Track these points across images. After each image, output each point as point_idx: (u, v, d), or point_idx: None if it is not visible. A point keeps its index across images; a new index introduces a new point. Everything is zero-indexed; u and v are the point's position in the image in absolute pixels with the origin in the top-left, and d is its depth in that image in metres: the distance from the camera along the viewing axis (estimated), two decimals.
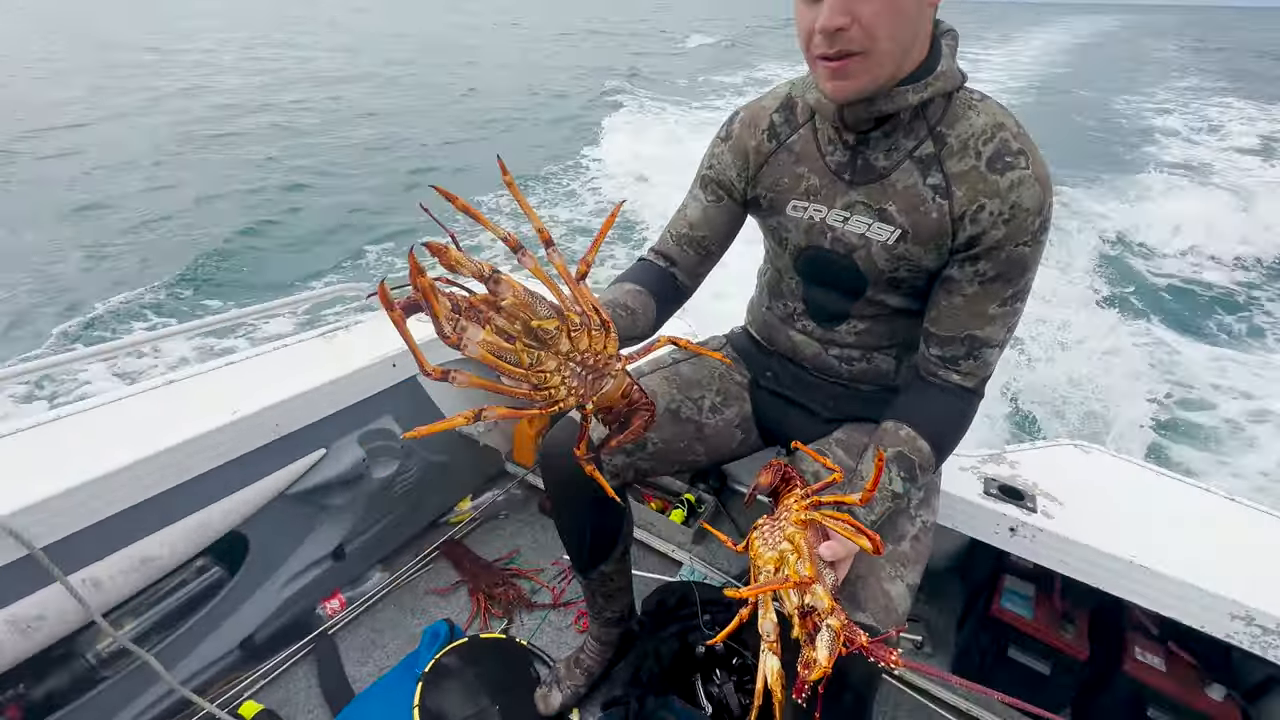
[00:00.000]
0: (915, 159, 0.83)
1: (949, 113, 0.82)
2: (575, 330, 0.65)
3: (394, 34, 13.70)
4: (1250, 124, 12.59)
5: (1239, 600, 0.97)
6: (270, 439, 1.28)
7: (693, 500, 1.84)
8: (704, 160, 1.04)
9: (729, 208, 1.03)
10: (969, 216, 0.80)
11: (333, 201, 7.96)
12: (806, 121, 0.93)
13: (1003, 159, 0.78)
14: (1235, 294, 5.52)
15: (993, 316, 0.84)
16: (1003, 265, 0.81)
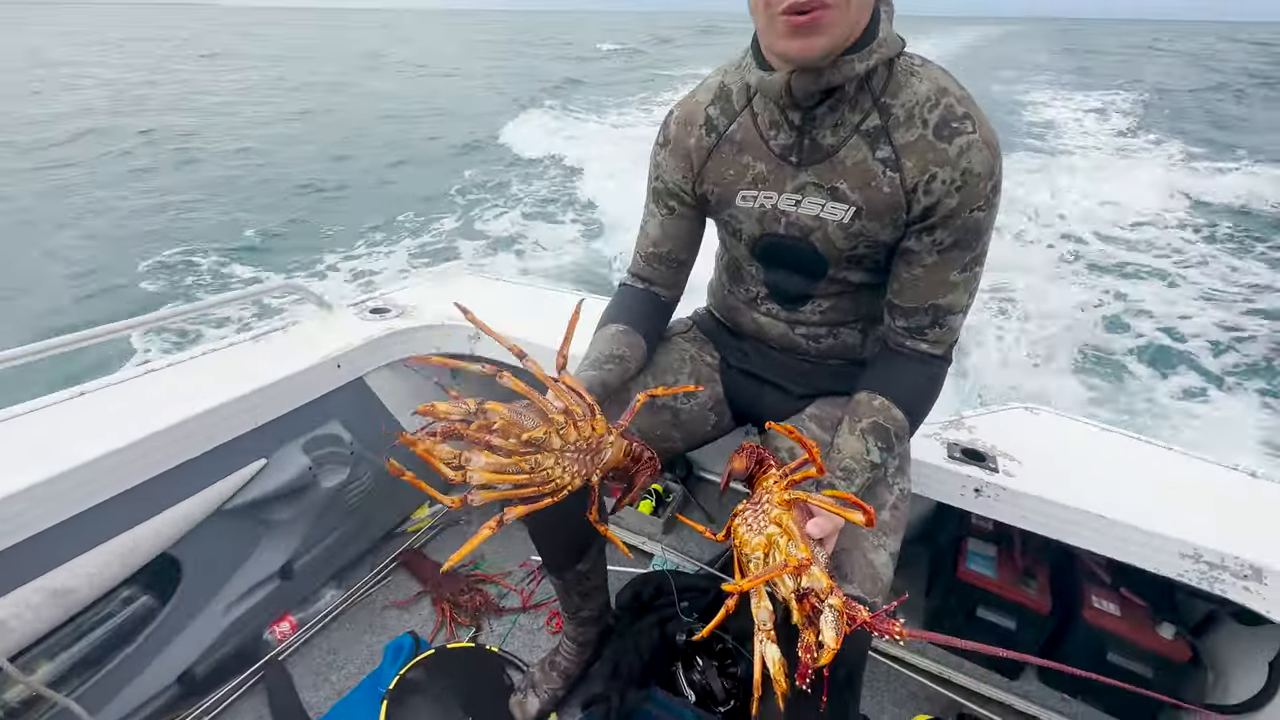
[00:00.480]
0: (862, 133, 0.81)
1: (892, 81, 0.80)
2: (563, 428, 0.73)
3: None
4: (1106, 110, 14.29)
5: (1187, 539, 1.02)
6: (201, 450, 1.17)
7: (660, 491, 1.81)
8: (650, 171, 1.02)
9: (685, 215, 1.01)
10: (921, 187, 0.79)
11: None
12: (744, 108, 0.90)
13: (949, 125, 0.77)
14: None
15: (954, 284, 0.84)
16: (959, 232, 0.81)
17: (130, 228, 7.00)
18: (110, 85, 17.34)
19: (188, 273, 5.84)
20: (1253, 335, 4.53)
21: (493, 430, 0.69)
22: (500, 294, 1.85)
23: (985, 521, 1.46)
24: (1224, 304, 5.07)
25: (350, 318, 1.61)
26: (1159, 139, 11.35)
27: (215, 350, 1.39)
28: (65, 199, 7.88)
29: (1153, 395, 3.88)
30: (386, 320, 1.61)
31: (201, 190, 8.30)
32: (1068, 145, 10.90)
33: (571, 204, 7.92)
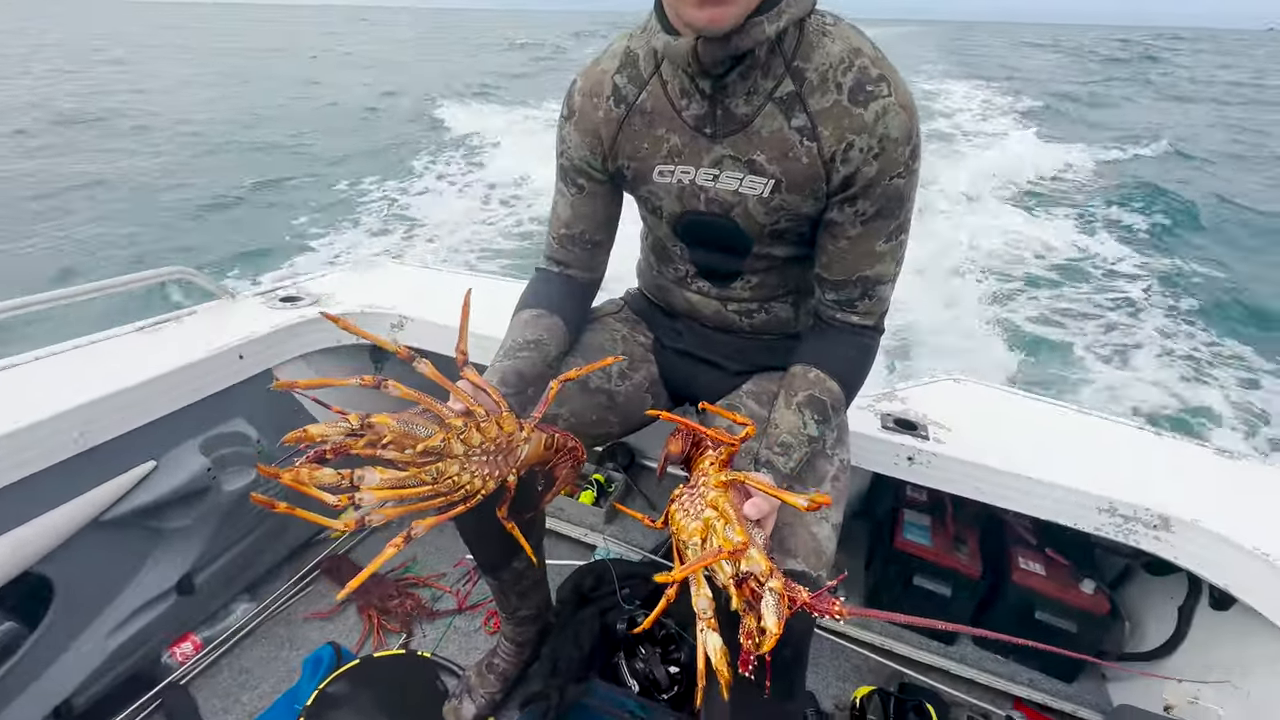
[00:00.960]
0: (776, 100, 0.77)
1: (803, 43, 0.75)
2: (463, 432, 0.69)
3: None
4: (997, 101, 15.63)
5: (1103, 495, 1.07)
6: (72, 452, 1.03)
7: (602, 480, 1.76)
8: (556, 147, 0.95)
9: (597, 192, 0.95)
10: (839, 157, 0.76)
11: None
12: (653, 75, 0.83)
13: (864, 89, 0.73)
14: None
15: (880, 254, 0.83)
16: (881, 201, 0.78)
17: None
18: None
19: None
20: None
21: (384, 444, 0.64)
22: (423, 281, 1.75)
23: (920, 493, 1.49)
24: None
25: (257, 307, 1.48)
26: (1033, 123, 12.47)
27: (93, 342, 1.24)
28: None
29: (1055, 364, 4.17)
30: (299, 309, 1.49)
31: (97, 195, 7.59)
32: (959, 129, 11.76)
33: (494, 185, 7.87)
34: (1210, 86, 21.50)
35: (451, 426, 0.68)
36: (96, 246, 5.97)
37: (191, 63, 21.82)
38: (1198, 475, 1.14)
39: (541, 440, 0.78)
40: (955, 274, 5.33)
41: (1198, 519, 1.03)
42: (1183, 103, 17.67)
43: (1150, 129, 12.54)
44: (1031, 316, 4.73)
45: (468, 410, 0.71)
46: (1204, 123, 14.35)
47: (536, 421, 0.78)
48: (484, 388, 0.75)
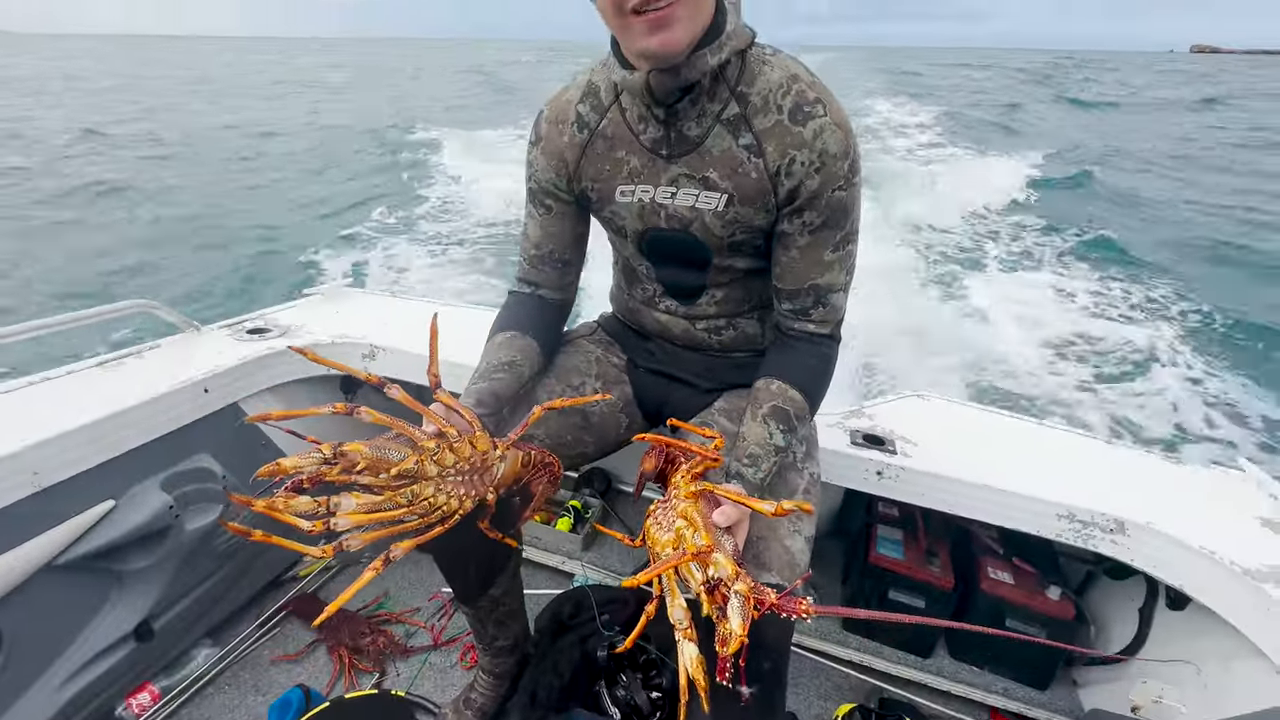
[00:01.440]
0: (724, 122, 0.83)
1: (746, 71, 0.82)
2: (436, 453, 0.70)
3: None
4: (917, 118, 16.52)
5: (1062, 502, 1.11)
6: (26, 492, 0.99)
7: (579, 506, 1.75)
8: (526, 172, 1.00)
9: (564, 213, 0.99)
10: (783, 170, 0.82)
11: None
12: (612, 103, 0.90)
13: (802, 110, 0.80)
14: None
15: (829, 263, 0.88)
16: (826, 212, 0.84)
17: None
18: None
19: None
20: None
21: (358, 470, 0.65)
22: (392, 310, 1.75)
23: (891, 508, 1.52)
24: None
25: (223, 339, 1.46)
26: (963, 142, 13.09)
27: (48, 380, 1.20)
28: None
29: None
30: (267, 340, 1.47)
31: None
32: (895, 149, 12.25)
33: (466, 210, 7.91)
34: (1117, 97, 24.67)
35: (424, 448, 0.69)
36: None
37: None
38: (1149, 480, 1.20)
39: (518, 458, 0.79)
40: (915, 284, 5.54)
41: (1151, 522, 1.08)
42: (1094, 113, 20.03)
43: (1073, 141, 13.68)
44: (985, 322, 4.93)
45: (440, 432, 0.72)
46: (1116, 129, 15.94)
47: (512, 441, 0.79)
48: (456, 409, 0.76)
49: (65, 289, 5.50)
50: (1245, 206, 8.98)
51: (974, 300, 5.39)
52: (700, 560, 0.64)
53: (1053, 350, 4.66)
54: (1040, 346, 4.70)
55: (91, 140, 12.34)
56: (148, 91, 23.27)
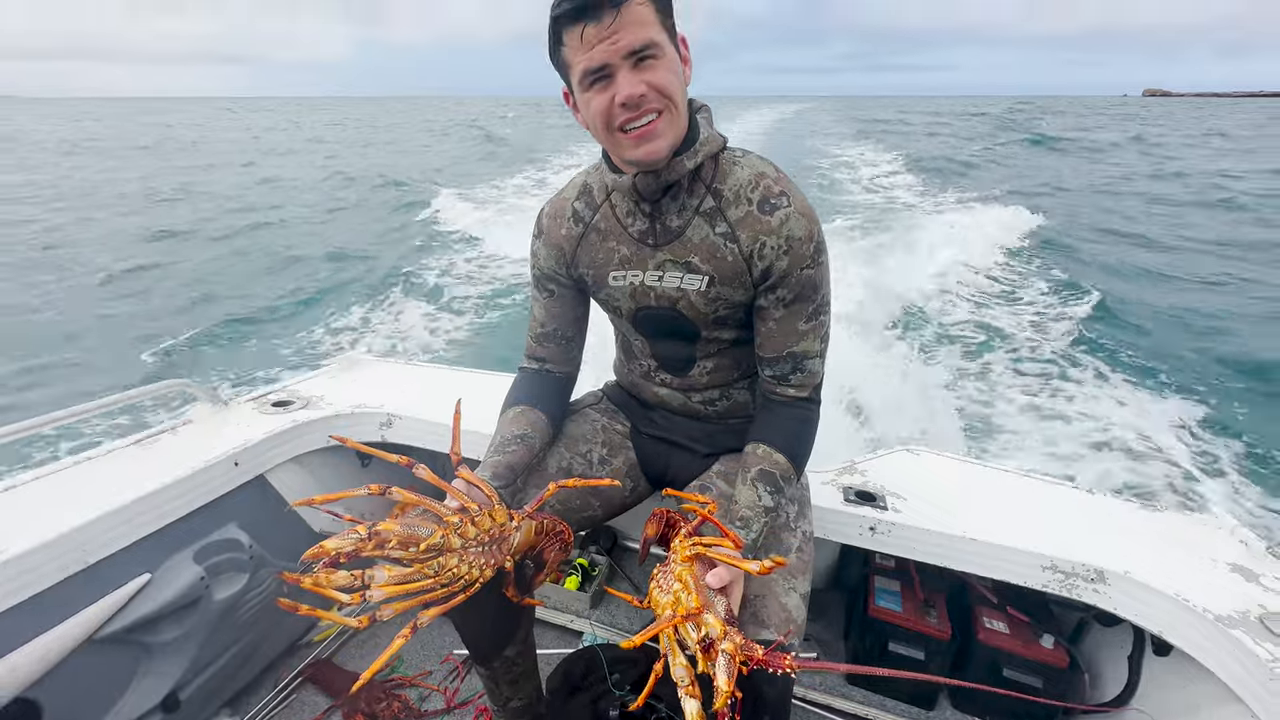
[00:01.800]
0: (702, 214, 0.95)
1: (719, 171, 0.95)
2: (460, 527, 0.77)
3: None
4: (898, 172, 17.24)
5: (1044, 553, 1.18)
6: (74, 570, 1.06)
7: (586, 565, 1.80)
8: (530, 261, 1.14)
9: (565, 295, 1.12)
10: (756, 254, 0.93)
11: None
12: (604, 201, 1.03)
13: (769, 202, 0.92)
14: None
15: (804, 332, 0.98)
16: (797, 288, 0.95)
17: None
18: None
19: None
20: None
21: (390, 546, 0.73)
22: (407, 377, 1.84)
23: (888, 560, 1.58)
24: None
25: (250, 413, 1.55)
26: (933, 186, 13.73)
27: (90, 460, 1.28)
28: None
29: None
30: (290, 413, 1.56)
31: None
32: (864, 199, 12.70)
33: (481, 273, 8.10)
34: (1079, 140, 27.01)
35: (449, 523, 0.78)
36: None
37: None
38: (1127, 529, 1.26)
39: (532, 526, 0.87)
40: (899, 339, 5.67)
41: (1129, 570, 1.14)
42: (1062, 154, 21.80)
43: (1047, 181, 14.67)
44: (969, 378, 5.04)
45: (462, 506, 0.81)
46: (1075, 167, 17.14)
47: (528, 513, 0.87)
48: (476, 483, 0.85)
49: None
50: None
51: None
52: (694, 621, 0.71)
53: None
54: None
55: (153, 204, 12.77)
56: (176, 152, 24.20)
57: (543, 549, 0.94)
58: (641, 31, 0.79)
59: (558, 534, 0.95)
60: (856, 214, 10.42)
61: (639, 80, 0.81)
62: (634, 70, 0.81)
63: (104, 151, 25.17)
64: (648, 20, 0.80)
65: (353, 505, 1.67)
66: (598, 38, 0.79)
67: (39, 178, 16.68)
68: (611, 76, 0.82)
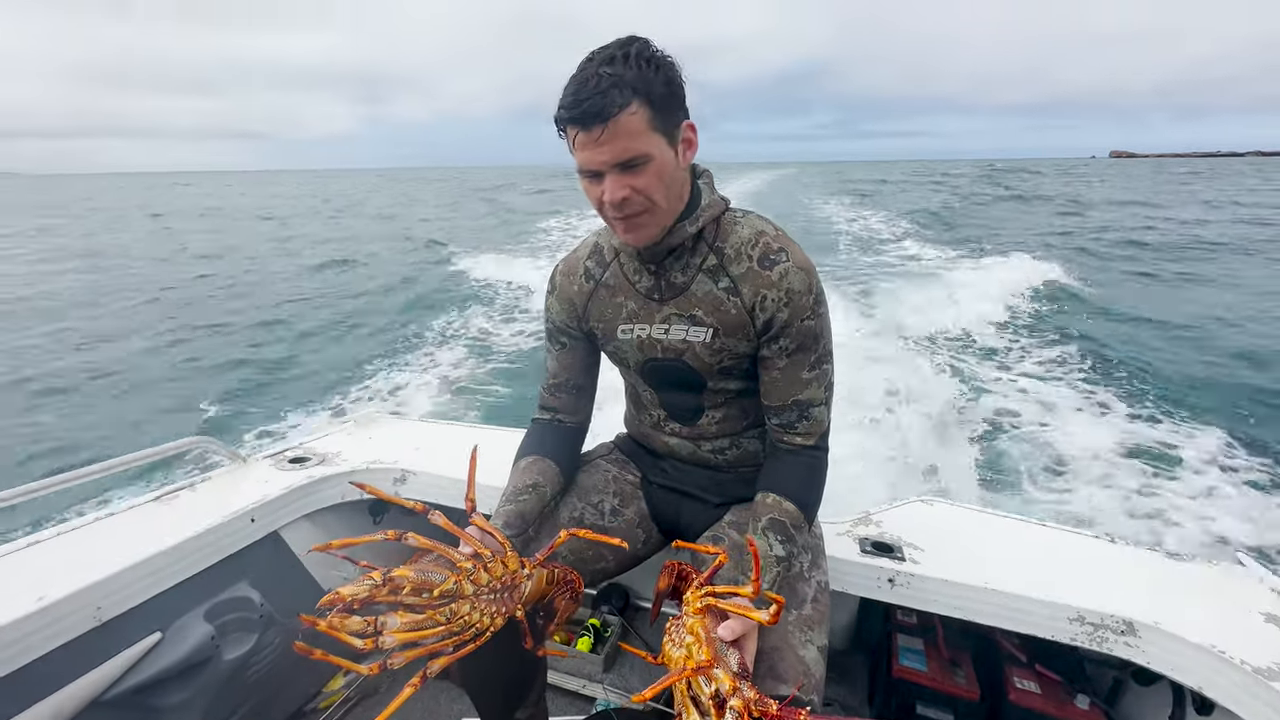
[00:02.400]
0: (705, 270, 1.00)
1: (721, 231, 1.00)
2: (473, 573, 0.79)
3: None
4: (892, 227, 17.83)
5: (1071, 604, 1.14)
6: (89, 627, 1.06)
7: (598, 625, 1.76)
8: (545, 316, 1.19)
9: (576, 347, 1.17)
10: (758, 306, 0.97)
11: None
12: (613, 259, 1.08)
13: (768, 258, 0.96)
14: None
15: (807, 380, 1.01)
16: (799, 338, 0.98)
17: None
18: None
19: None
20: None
21: (404, 593, 0.74)
22: (422, 434, 1.87)
23: (910, 616, 1.53)
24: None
25: (267, 469, 1.57)
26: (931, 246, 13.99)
27: (112, 515, 1.30)
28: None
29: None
30: (307, 469, 1.58)
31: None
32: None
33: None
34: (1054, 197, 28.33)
35: (462, 569, 0.78)
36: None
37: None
38: (1153, 579, 1.23)
39: (543, 575, 0.88)
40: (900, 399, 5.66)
41: (1158, 622, 1.10)
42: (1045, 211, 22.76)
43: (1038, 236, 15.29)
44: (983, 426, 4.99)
45: (475, 553, 0.81)
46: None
47: (540, 560, 0.87)
48: (490, 531, 0.85)
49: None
50: None
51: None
52: (704, 675, 0.70)
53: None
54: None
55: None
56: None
57: (554, 598, 0.93)
58: (629, 143, 0.84)
59: (568, 583, 0.94)
60: (859, 269, 10.72)
61: (624, 184, 0.87)
62: (621, 175, 0.87)
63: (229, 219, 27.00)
64: (637, 131, 0.84)
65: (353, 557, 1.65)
66: (588, 144, 0.85)
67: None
68: (601, 176, 0.88)
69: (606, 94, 0.81)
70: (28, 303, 10.51)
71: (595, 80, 0.82)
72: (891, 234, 16.00)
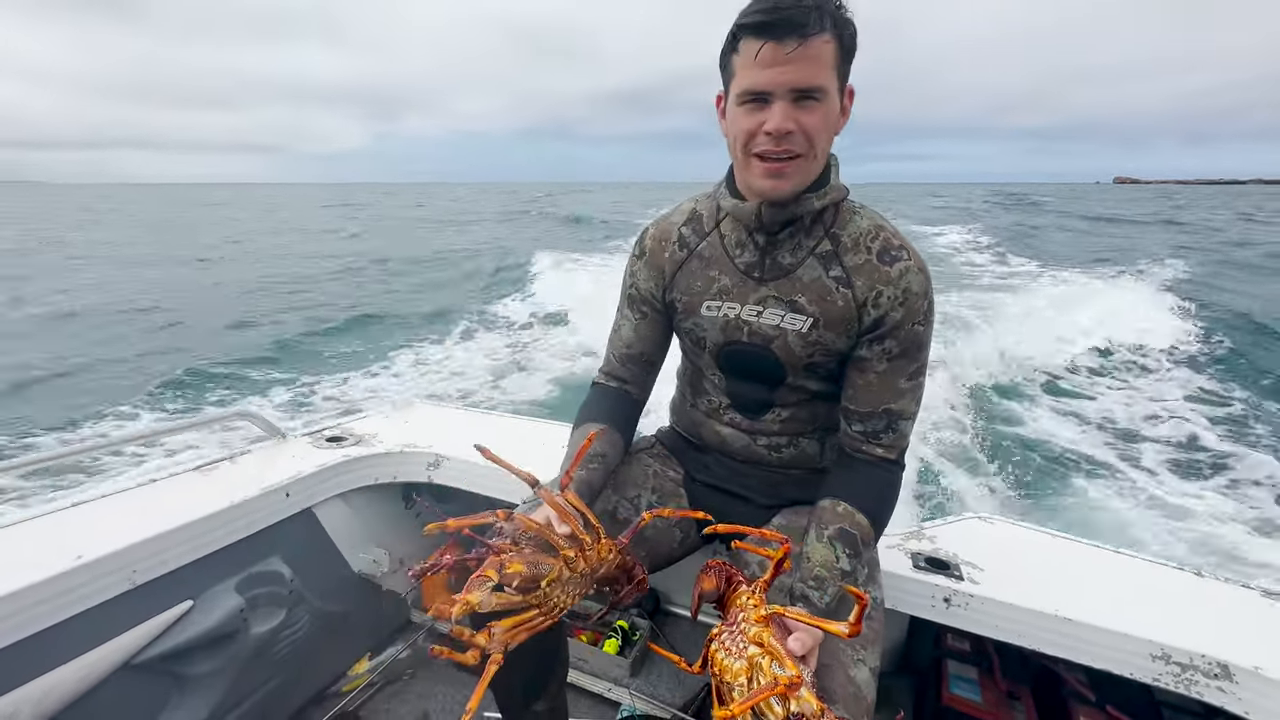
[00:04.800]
0: (817, 255, 0.93)
1: (840, 217, 0.94)
2: (573, 560, 0.76)
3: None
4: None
5: (1154, 639, 1.03)
6: (123, 589, 1.06)
7: (626, 627, 1.70)
8: (625, 279, 1.13)
9: (656, 320, 1.10)
10: (870, 302, 0.91)
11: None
12: (713, 229, 1.02)
13: (889, 253, 0.91)
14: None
15: (903, 390, 0.93)
16: (905, 343, 0.91)
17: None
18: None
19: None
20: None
21: (513, 585, 0.72)
22: (457, 421, 1.85)
23: (962, 642, 1.42)
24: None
25: (305, 446, 1.57)
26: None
27: (154, 481, 1.31)
28: None
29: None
30: (343, 448, 1.58)
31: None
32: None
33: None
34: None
35: (564, 556, 0.75)
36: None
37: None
38: (1249, 620, 1.10)
39: (617, 560, 0.83)
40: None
41: (1259, 667, 0.98)
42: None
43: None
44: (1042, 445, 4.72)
45: (573, 535, 0.78)
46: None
47: (624, 543, 0.83)
48: (587, 514, 0.81)
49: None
50: None
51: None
52: (790, 692, 0.62)
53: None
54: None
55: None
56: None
57: (623, 594, 0.89)
58: (814, 71, 0.79)
59: (640, 580, 0.89)
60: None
61: (792, 117, 0.82)
62: (792, 105, 0.81)
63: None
64: (825, 61, 0.80)
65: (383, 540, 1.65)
66: (772, 61, 0.79)
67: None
68: (769, 103, 0.82)
69: (809, 9, 0.77)
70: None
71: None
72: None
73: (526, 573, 0.71)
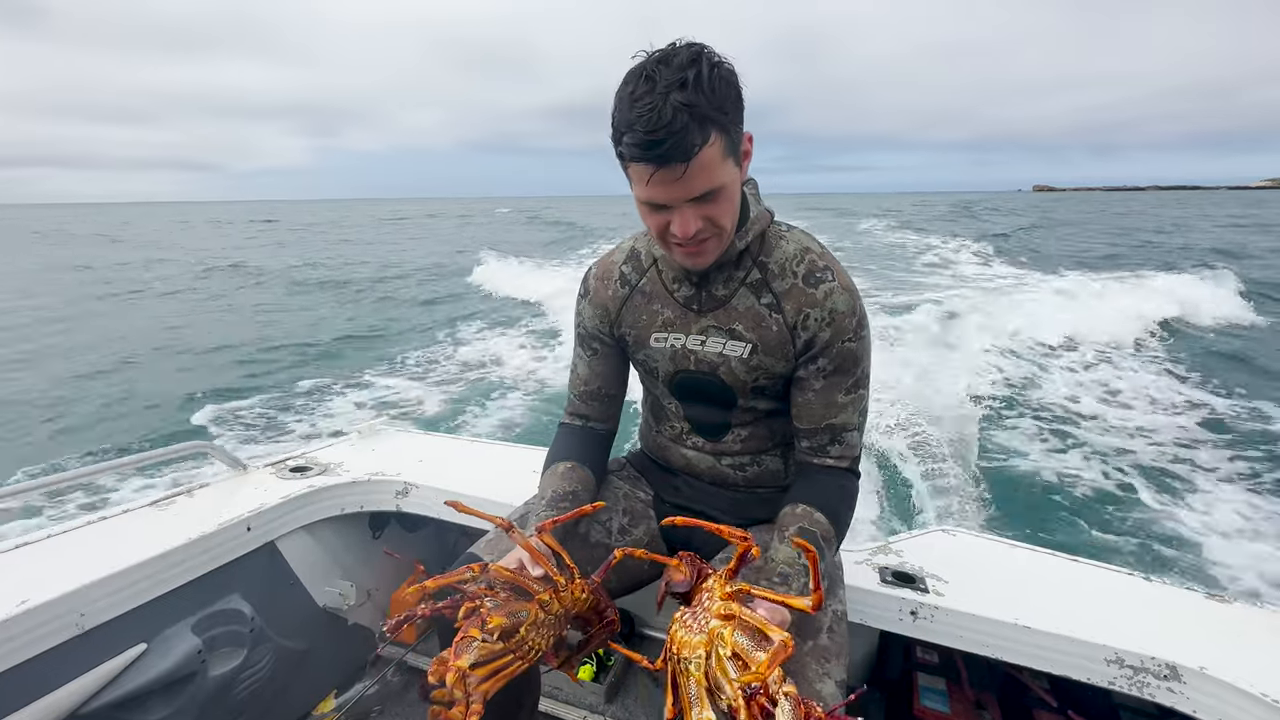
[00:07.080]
0: (748, 285, 0.97)
1: (766, 245, 0.97)
2: (548, 603, 0.79)
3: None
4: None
5: (1108, 644, 1.07)
6: (70, 635, 1.01)
7: (601, 653, 1.68)
8: (575, 320, 1.16)
9: (608, 354, 1.13)
10: (799, 324, 0.94)
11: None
12: (651, 265, 1.05)
13: (814, 275, 0.94)
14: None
15: (843, 404, 0.97)
16: (838, 359, 0.95)
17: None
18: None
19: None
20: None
21: (494, 637, 0.73)
22: (426, 447, 1.83)
23: (930, 654, 1.45)
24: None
25: (267, 477, 1.53)
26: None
27: (104, 519, 1.26)
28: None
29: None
30: (308, 478, 1.54)
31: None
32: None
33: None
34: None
35: (539, 600, 0.77)
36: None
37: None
38: (1195, 621, 1.15)
39: (590, 600, 0.84)
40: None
41: (1204, 667, 1.02)
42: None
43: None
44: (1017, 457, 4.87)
45: (547, 576, 0.79)
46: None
47: (596, 584, 0.84)
48: (562, 554, 0.82)
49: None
50: None
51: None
52: (787, 653, 0.61)
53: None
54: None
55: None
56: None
57: (592, 635, 0.91)
58: (708, 177, 0.79)
59: (609, 622, 0.91)
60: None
61: (698, 216, 0.83)
62: (693, 208, 0.82)
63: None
64: (715, 164, 0.79)
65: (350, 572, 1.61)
66: (665, 182, 0.78)
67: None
68: (669, 208, 0.83)
69: (686, 131, 0.74)
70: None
71: (670, 115, 0.73)
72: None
73: (508, 623, 0.73)
